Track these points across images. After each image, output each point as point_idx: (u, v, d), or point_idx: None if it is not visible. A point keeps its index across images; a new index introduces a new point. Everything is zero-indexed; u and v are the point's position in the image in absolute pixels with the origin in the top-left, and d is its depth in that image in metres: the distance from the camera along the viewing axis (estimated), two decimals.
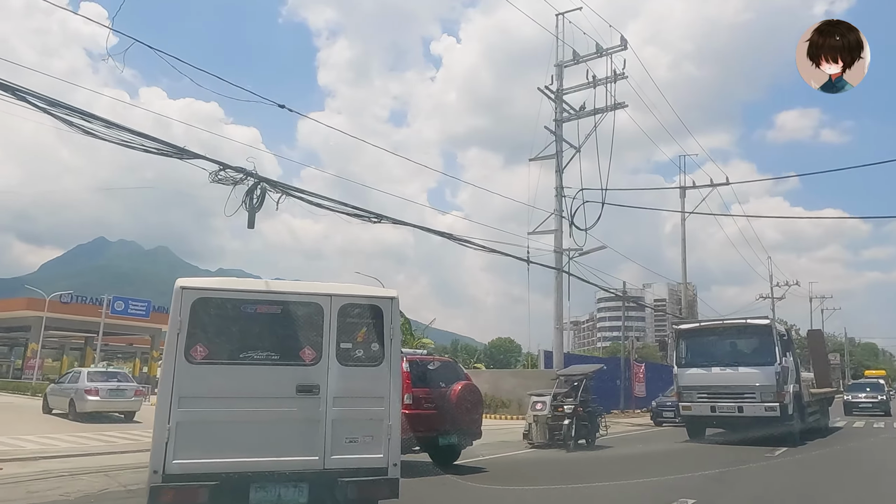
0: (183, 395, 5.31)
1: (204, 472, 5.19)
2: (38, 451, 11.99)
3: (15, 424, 16.86)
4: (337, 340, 5.73)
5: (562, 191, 24.45)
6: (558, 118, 25.19)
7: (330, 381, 5.62)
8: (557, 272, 23.97)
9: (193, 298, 5.48)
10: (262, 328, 5.75)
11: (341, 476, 5.49)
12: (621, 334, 39.78)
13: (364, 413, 5.72)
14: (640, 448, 15.11)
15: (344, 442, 5.57)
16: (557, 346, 24.27)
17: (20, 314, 48.29)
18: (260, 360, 5.58)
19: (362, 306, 5.98)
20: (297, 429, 5.55)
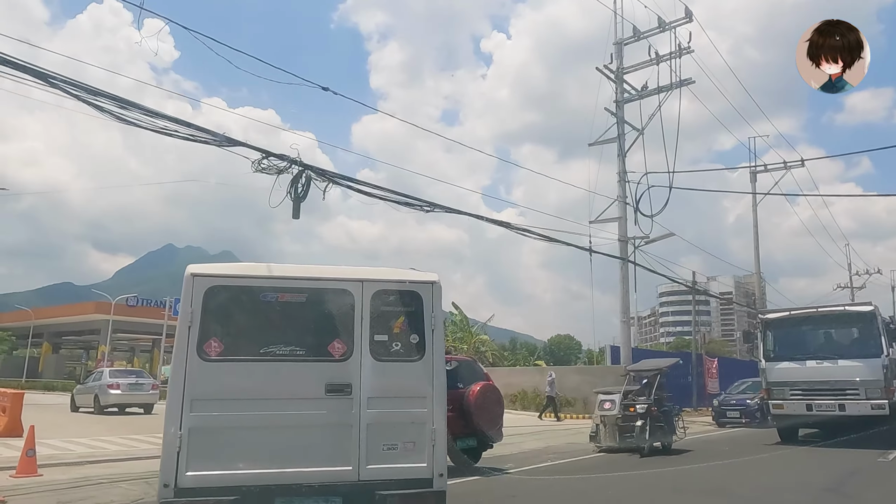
0: (196, 396, 4.64)
1: (222, 485, 4.53)
2: (86, 455, 11.61)
3: (68, 426, 16.74)
4: (371, 332, 5.01)
5: (625, 175, 23.02)
6: (619, 99, 23.75)
7: (364, 379, 4.89)
8: (623, 262, 22.56)
9: (206, 286, 4.83)
10: (286, 319, 5.09)
11: (379, 488, 4.75)
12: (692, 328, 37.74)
13: (404, 415, 4.97)
14: (727, 452, 13.63)
15: (381, 449, 4.85)
16: (625, 341, 22.85)
17: (90, 318, 50.07)
18: (283, 356, 4.89)
19: (399, 292, 5.23)
20: (328, 434, 4.85)
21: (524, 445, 14.24)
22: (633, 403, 13.59)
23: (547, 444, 14.66)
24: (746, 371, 31.92)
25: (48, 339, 56.82)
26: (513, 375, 29.83)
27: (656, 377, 13.83)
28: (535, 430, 18.13)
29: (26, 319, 54.60)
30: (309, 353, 4.96)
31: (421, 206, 15.34)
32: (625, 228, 22.89)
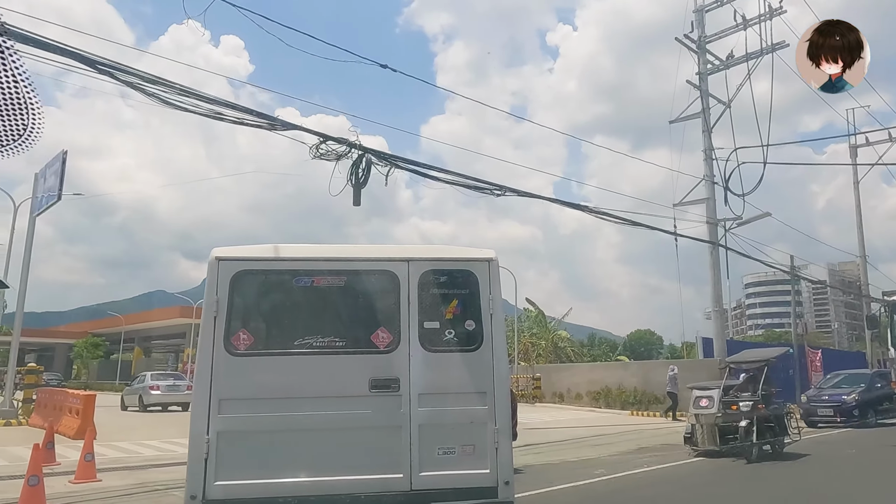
0: (224, 396, 4.09)
1: (255, 496, 3.98)
2: (153, 458, 11.26)
3: (142, 429, 16.67)
4: (420, 319, 4.37)
5: (712, 153, 21.16)
6: (702, 71, 21.91)
7: (413, 373, 4.25)
8: (712, 247, 20.72)
9: (233, 271, 4.27)
10: (323, 306, 4.48)
11: (435, 499, 4.14)
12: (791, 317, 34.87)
13: (461, 414, 4.29)
14: (854, 457, 11.85)
15: (436, 454, 4.21)
16: (718, 331, 21.02)
17: (175, 322, 51.99)
18: (321, 349, 4.26)
19: (451, 272, 4.53)
20: (374, 437, 4.23)
21: (614, 447, 12.97)
22: (735, 401, 12.05)
23: (638, 445, 13.32)
24: (852, 363, 29.14)
25: (139, 343, 59.43)
26: (595, 371, 28.32)
27: (763, 370, 12.22)
28: (624, 431, 16.75)
29: (118, 325, 57.27)
30: (350, 344, 4.34)
31: (491, 189, 14.29)
32: (713, 210, 21.07)
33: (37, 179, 17.02)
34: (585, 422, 19.84)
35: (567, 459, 11.19)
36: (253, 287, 4.38)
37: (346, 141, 11.47)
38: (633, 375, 25.08)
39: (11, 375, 16.32)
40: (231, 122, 10.05)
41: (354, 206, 11.96)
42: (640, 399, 23.37)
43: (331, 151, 11.55)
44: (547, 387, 29.51)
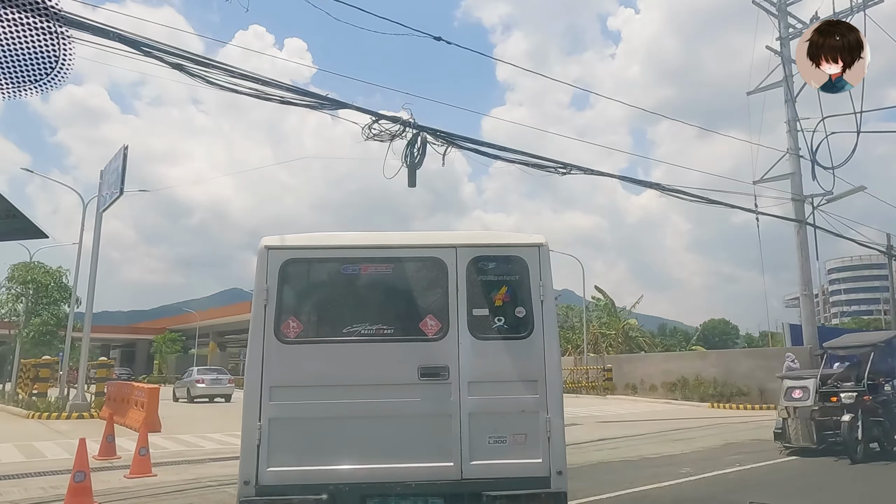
0: (275, 384, 4.10)
1: (306, 482, 3.97)
2: (214, 452, 11.03)
3: (206, 421, 16.67)
4: (468, 306, 4.27)
5: (796, 123, 19.48)
6: (783, 35, 20.22)
7: (462, 361, 4.18)
8: (799, 225, 19.10)
9: (282, 260, 4.28)
10: (370, 294, 4.49)
11: (487, 489, 4.02)
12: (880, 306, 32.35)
13: (512, 403, 4.19)
14: None
15: (487, 442, 4.13)
16: (807, 317, 19.41)
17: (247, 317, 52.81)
18: (369, 336, 4.24)
19: (500, 258, 4.45)
20: (424, 425, 4.17)
21: (697, 443, 11.92)
22: (835, 391, 10.77)
23: (725, 440, 12.21)
24: None
25: (213, 338, 61.20)
26: (670, 361, 26.92)
27: (869, 356, 10.88)
28: (705, 424, 15.58)
29: (193, 321, 59.16)
30: (398, 332, 4.30)
31: (555, 167, 13.44)
32: (799, 186, 19.44)
33: (102, 177, 17.28)
34: (662, 414, 18.71)
35: (646, 455, 10.28)
36: (301, 275, 4.44)
37: (400, 119, 10.87)
38: (713, 366, 23.60)
39: (83, 370, 16.68)
40: (277, 101, 9.62)
41: (409, 187, 11.40)
42: (720, 391, 21.92)
43: (384, 131, 10.98)
44: (618, 378, 28.32)
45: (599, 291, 36.35)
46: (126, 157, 15.42)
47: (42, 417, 15.90)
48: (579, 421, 17.04)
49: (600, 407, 22.25)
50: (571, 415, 19.48)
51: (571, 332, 36.97)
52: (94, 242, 16.77)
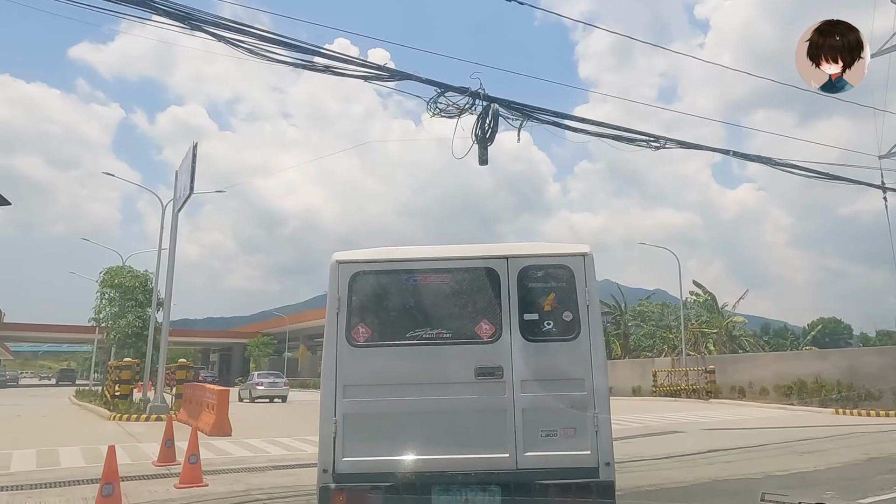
0: (347, 383, 4.55)
1: (377, 471, 4.36)
2: (277, 458, 10.29)
3: (282, 425, 16.08)
4: (519, 311, 4.62)
5: None
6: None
7: (515, 362, 4.52)
8: None
9: (351, 273, 4.77)
10: (429, 301, 4.82)
11: (539, 478, 4.31)
12: None
13: (561, 399, 4.50)
14: None
15: (539, 436, 4.41)
16: None
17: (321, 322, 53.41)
18: (430, 340, 4.63)
19: (548, 267, 4.80)
20: (481, 420, 4.49)
21: (832, 457, 10.00)
22: None
23: (866, 454, 10.22)
24: None
25: (303, 341, 62.29)
26: (783, 362, 24.29)
27: None
28: (836, 434, 13.44)
29: (283, 325, 60.45)
30: (456, 335, 4.65)
31: (647, 140, 11.84)
32: None
33: (176, 178, 17.17)
34: (778, 422, 16.55)
35: (771, 472, 8.59)
36: (368, 286, 4.78)
37: (469, 90, 9.69)
38: (835, 367, 20.94)
39: (162, 372, 16.59)
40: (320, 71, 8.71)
41: (480, 165, 10.19)
42: (845, 394, 19.33)
43: (451, 105, 9.83)
44: (722, 380, 25.91)
45: (698, 287, 33.66)
46: (195, 156, 15.14)
47: (122, 419, 15.87)
48: (682, 427, 15.28)
49: (704, 412, 20.20)
50: (672, 421, 17.71)
51: (668, 332, 34.54)
52: (171, 243, 16.66)
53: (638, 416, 18.05)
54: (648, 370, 30.40)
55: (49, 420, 17.10)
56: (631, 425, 15.67)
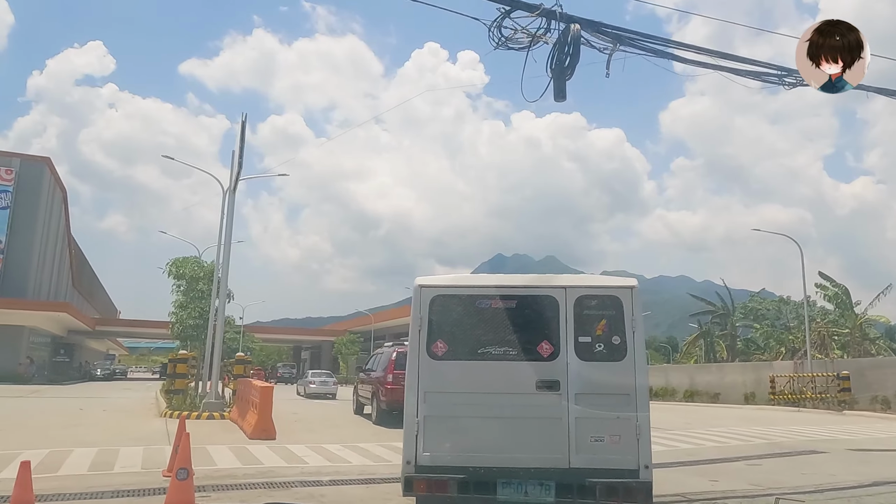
0: (428, 390, 5.30)
1: (452, 464, 5.14)
2: (312, 473, 8.46)
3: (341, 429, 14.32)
4: (575, 334, 5.40)
5: None
6: None
7: (570, 377, 5.32)
8: None
9: (432, 296, 5.47)
10: (498, 323, 5.50)
11: (588, 476, 5.06)
12: None
13: (609, 410, 5.27)
14: None
15: (589, 441, 5.21)
16: None
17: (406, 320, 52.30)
18: (498, 356, 5.38)
19: (600, 297, 5.60)
20: (540, 426, 5.31)
21: None
22: None
23: None
24: None
25: (390, 339, 61.56)
26: None
27: None
28: None
29: (367, 324, 60.01)
30: (520, 353, 5.37)
31: (779, 76, 9.15)
32: None
33: (233, 157, 15.95)
34: None
35: None
36: (446, 307, 5.52)
37: (541, 7, 7.43)
38: None
39: (217, 366, 15.37)
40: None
41: (556, 101, 7.87)
42: None
43: (521, 31, 7.60)
44: (859, 388, 22.09)
45: (826, 279, 28.98)
46: (244, 129, 13.75)
47: (173, 415, 14.75)
48: (820, 446, 12.24)
49: (841, 426, 16.83)
50: (805, 437, 14.57)
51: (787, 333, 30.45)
52: (227, 226, 15.44)
53: (759, 430, 15.07)
54: (764, 375, 26.73)
55: (103, 415, 16.26)
56: (753, 441, 12.82)
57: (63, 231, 57.55)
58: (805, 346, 25.68)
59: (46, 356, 57.03)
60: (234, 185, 15.11)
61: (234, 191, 15.52)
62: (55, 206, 53.28)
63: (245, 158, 14.25)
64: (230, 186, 15.37)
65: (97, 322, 60.83)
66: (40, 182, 48.30)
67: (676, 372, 34.82)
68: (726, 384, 29.11)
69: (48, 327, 51.31)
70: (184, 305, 20.93)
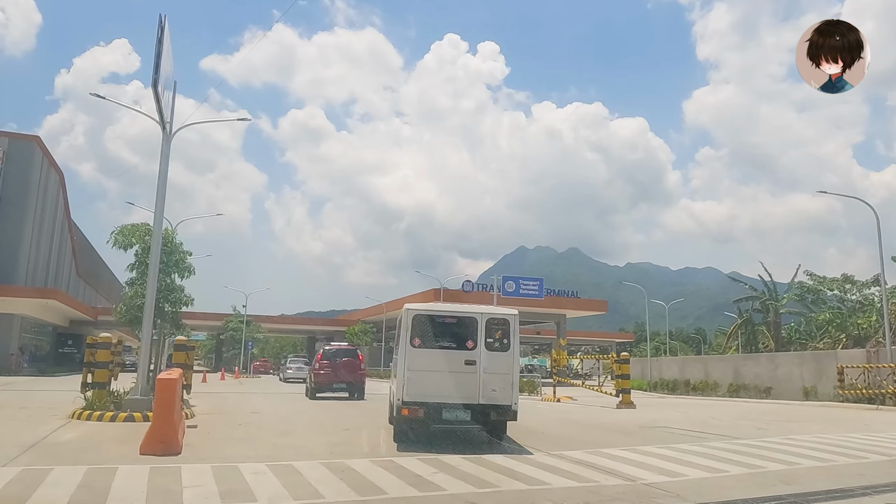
0: (409, 364, 9.64)
1: (420, 400, 9.54)
2: None
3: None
4: (485, 337, 9.88)
5: None
6: None
7: (481, 359, 9.76)
8: None
9: (413, 314, 9.86)
10: (447, 330, 9.99)
11: (488, 409, 9.70)
12: None
13: (500, 377, 9.79)
14: None
15: (489, 391, 9.68)
16: None
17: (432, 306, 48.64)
18: (446, 347, 9.87)
19: (498, 319, 10.07)
20: (465, 382, 9.70)
21: None
22: None
23: None
24: None
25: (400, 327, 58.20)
26: None
27: None
28: None
29: (380, 314, 56.71)
30: (457, 346, 9.86)
31: None
32: None
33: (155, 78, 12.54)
34: None
35: None
36: (420, 320, 9.83)
37: None
38: None
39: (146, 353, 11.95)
40: None
41: None
42: None
43: None
44: None
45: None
46: (163, 30, 10.30)
47: (83, 417, 11.38)
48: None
49: None
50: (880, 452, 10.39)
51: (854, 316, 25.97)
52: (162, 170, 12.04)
53: (856, 438, 11.25)
54: (828, 366, 22.75)
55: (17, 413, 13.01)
56: (868, 458, 9.03)
57: (62, 217, 54.92)
58: (884, 331, 21.60)
59: (49, 347, 54.79)
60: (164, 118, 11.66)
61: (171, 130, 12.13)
62: (50, 188, 50.58)
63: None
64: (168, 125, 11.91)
65: (100, 312, 58.32)
66: (30, 162, 45.55)
67: (718, 363, 30.84)
68: (779, 377, 25.15)
69: (44, 316, 48.76)
70: (133, 282, 17.63)
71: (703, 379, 29.15)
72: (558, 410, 17.85)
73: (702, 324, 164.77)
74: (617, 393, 19.30)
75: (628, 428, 12.81)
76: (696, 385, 29.16)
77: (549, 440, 10.65)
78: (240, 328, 60.61)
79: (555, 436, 11.48)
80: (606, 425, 13.41)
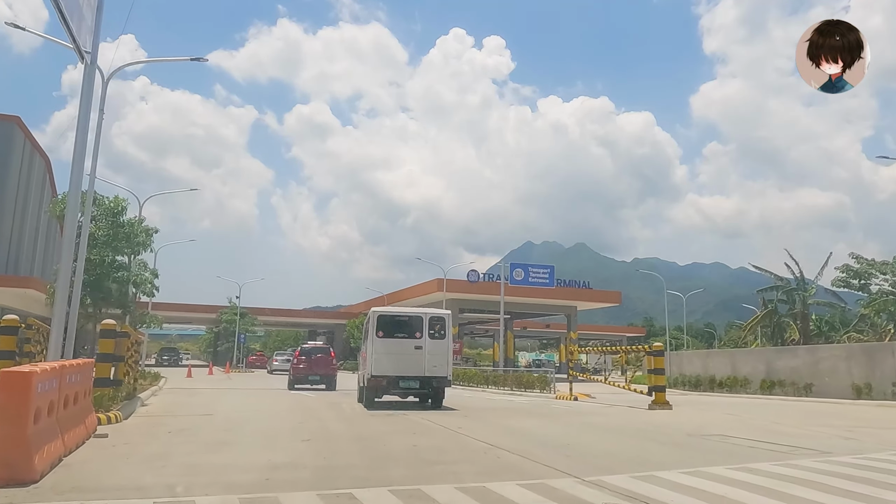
0: (375, 348, 14.78)
1: (384, 374, 14.64)
2: None
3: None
4: (428, 330, 15.09)
5: None
6: None
7: (426, 345, 15.01)
8: None
9: (378, 315, 15.36)
10: (402, 325, 15.36)
11: (430, 380, 14.92)
12: None
13: (438, 356, 15.06)
14: None
15: (433, 366, 14.88)
16: None
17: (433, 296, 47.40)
18: (401, 337, 15.14)
19: (438, 318, 15.44)
20: (415, 360, 14.86)
21: None
22: None
23: None
24: None
25: None
26: None
27: None
28: None
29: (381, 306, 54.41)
30: (409, 336, 15.19)
31: None
32: None
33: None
34: None
35: None
36: (383, 319, 15.41)
37: None
38: None
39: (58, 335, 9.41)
40: None
41: None
42: None
43: None
44: None
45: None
46: None
47: None
48: None
49: None
50: None
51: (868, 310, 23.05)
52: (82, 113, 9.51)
53: None
54: (882, 360, 20.01)
55: None
56: None
57: None
58: None
59: None
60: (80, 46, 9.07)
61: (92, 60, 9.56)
62: (34, 174, 48.13)
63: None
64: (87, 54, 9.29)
65: None
66: (10, 145, 43.10)
67: (746, 357, 28.03)
68: (822, 371, 22.36)
69: (29, 308, 46.43)
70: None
71: (731, 374, 26.33)
72: (578, 412, 15.15)
73: (710, 318, 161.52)
74: (649, 391, 16.57)
75: (675, 437, 9.95)
76: (722, 381, 26.31)
77: (577, 457, 7.57)
78: (233, 320, 58.16)
79: (583, 450, 8.39)
80: (645, 433, 10.57)
